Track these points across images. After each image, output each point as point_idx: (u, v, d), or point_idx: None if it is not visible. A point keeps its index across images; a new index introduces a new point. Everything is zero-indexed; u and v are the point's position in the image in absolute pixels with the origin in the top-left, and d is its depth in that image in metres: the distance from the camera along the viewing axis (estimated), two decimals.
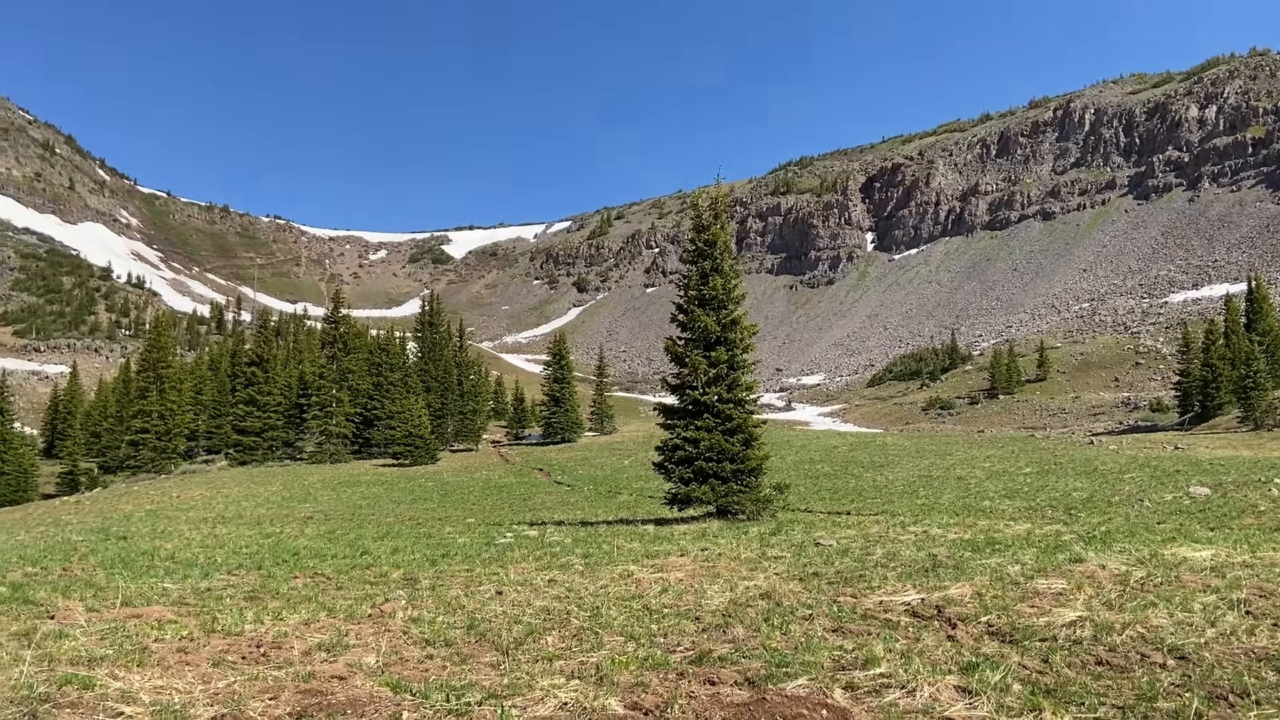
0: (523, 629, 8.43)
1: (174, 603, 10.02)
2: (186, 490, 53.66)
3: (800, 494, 32.04)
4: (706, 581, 10.89)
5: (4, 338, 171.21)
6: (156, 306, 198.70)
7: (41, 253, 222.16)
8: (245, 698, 6.07)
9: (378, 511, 37.67)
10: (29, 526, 35.47)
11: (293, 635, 8.22)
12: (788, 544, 14.63)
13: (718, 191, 24.34)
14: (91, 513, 44.28)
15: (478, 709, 5.93)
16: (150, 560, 15.31)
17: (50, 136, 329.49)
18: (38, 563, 14.46)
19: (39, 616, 8.89)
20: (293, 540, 20.49)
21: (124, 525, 30.98)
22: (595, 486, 45.81)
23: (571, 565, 13.08)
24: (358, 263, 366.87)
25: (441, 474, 57.47)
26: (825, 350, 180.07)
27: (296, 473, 61.43)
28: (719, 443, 21.82)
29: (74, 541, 21.88)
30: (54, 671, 6.59)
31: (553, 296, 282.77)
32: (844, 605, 8.96)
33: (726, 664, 6.93)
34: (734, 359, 22.85)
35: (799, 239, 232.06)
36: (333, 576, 12.52)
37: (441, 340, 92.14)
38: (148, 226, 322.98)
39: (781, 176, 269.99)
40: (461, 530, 23.18)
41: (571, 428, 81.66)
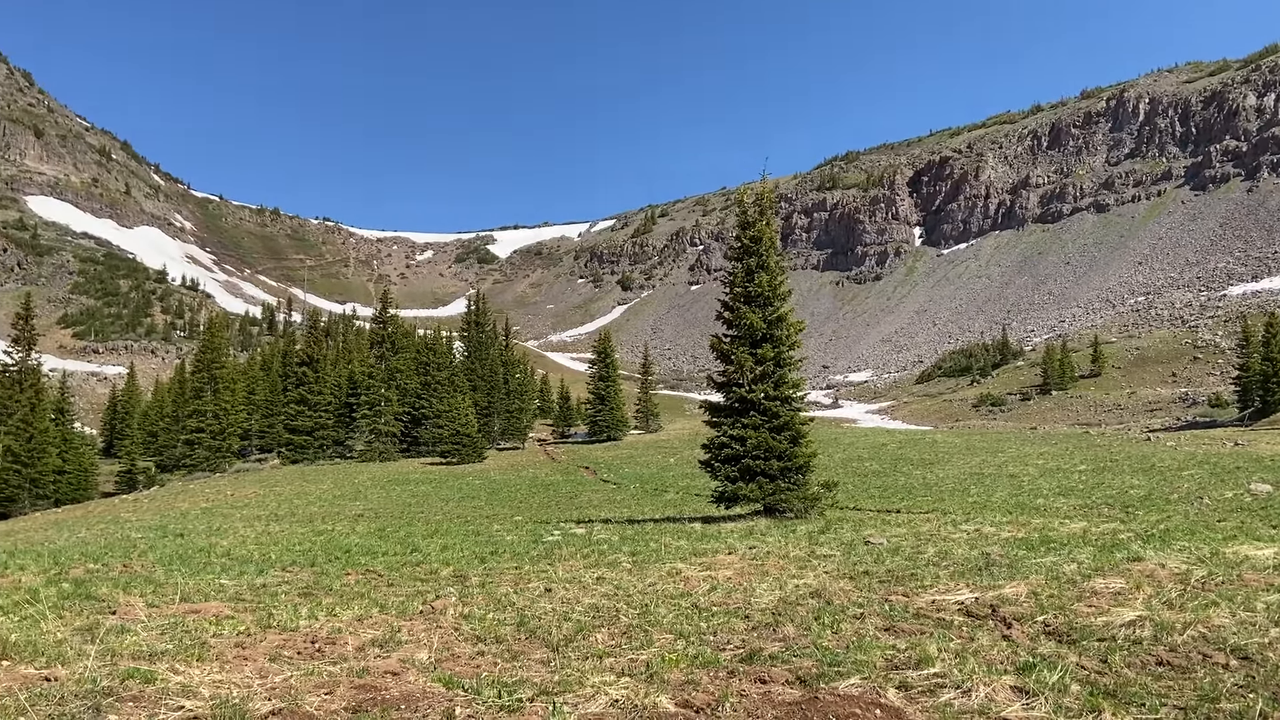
0: (572, 626, 8.46)
1: (231, 599, 10.19)
2: (240, 488, 54.67)
3: (848, 492, 31.75)
4: (755, 580, 10.83)
5: (64, 340, 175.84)
6: (210, 308, 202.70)
7: (99, 256, 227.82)
8: (302, 692, 6.16)
9: (426, 509, 38.04)
10: (89, 524, 36.38)
11: (346, 631, 8.33)
12: (837, 542, 14.51)
13: (763, 187, 24.19)
14: (149, 510, 45.30)
15: (529, 705, 5.95)
16: (207, 557, 15.60)
17: (107, 143, 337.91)
18: (99, 559, 14.80)
19: (101, 612, 9.10)
20: (344, 538, 20.75)
21: (181, 523, 31.67)
22: (641, 484, 45.82)
23: (619, 563, 13.09)
24: (405, 263, 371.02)
25: (489, 472, 57.87)
26: (872, 347, 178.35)
27: (347, 471, 62.28)
28: (766, 440, 21.69)
29: (133, 539, 22.39)
30: (116, 666, 6.73)
31: (597, 295, 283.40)
32: (896, 604, 8.88)
33: (778, 662, 6.90)
34: (780, 356, 22.69)
35: (845, 234, 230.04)
36: (384, 573, 12.66)
37: (487, 339, 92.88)
38: (201, 230, 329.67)
39: (827, 171, 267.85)
40: (509, 528, 23.32)
41: (617, 426, 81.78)
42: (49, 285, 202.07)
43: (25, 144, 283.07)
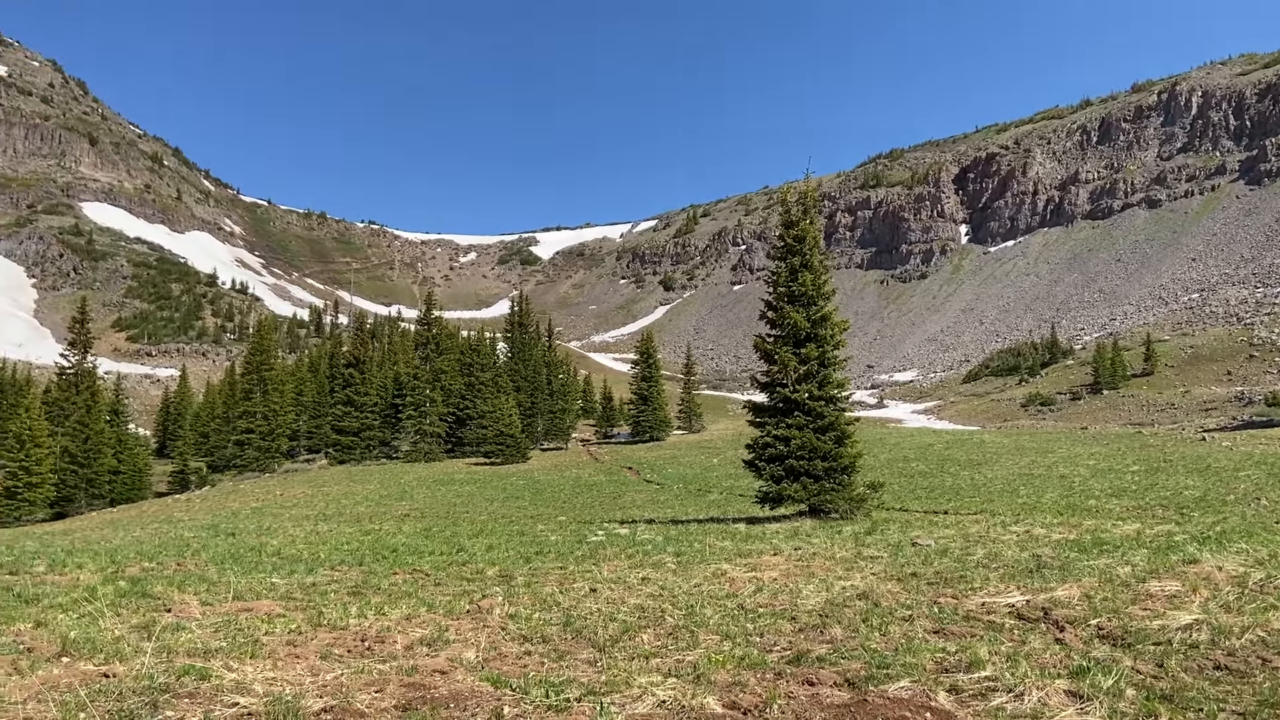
0: (618, 626, 8.46)
1: (282, 597, 10.35)
2: (289, 488, 55.51)
3: (895, 493, 31.46)
4: (801, 581, 10.77)
5: (119, 343, 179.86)
6: (259, 311, 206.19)
7: (152, 261, 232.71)
8: (352, 690, 6.24)
9: (471, 509, 38.33)
10: (144, 523, 37.17)
11: (395, 630, 8.41)
12: (884, 543, 14.37)
13: (806, 186, 24.04)
14: (201, 510, 46.18)
15: (577, 705, 5.97)
16: (258, 556, 15.85)
17: (159, 149, 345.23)
18: (153, 558, 15.10)
19: (157, 610, 9.28)
20: (391, 537, 20.98)
21: (232, 522, 32.24)
22: (685, 485, 45.78)
23: (664, 563, 13.08)
24: (449, 265, 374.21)
25: (532, 472, 58.16)
26: (918, 346, 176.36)
27: (393, 471, 62.96)
28: (810, 440, 21.55)
29: (186, 538, 22.82)
30: (172, 663, 6.86)
31: (639, 295, 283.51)
32: (945, 606, 8.79)
33: (825, 664, 6.86)
34: (824, 355, 22.54)
35: (889, 233, 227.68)
36: (431, 573, 12.77)
37: (530, 340, 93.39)
38: (250, 234, 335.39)
39: (871, 169, 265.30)
40: (553, 528, 23.42)
41: (660, 426, 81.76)
42: (104, 289, 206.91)
43: (80, 151, 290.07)
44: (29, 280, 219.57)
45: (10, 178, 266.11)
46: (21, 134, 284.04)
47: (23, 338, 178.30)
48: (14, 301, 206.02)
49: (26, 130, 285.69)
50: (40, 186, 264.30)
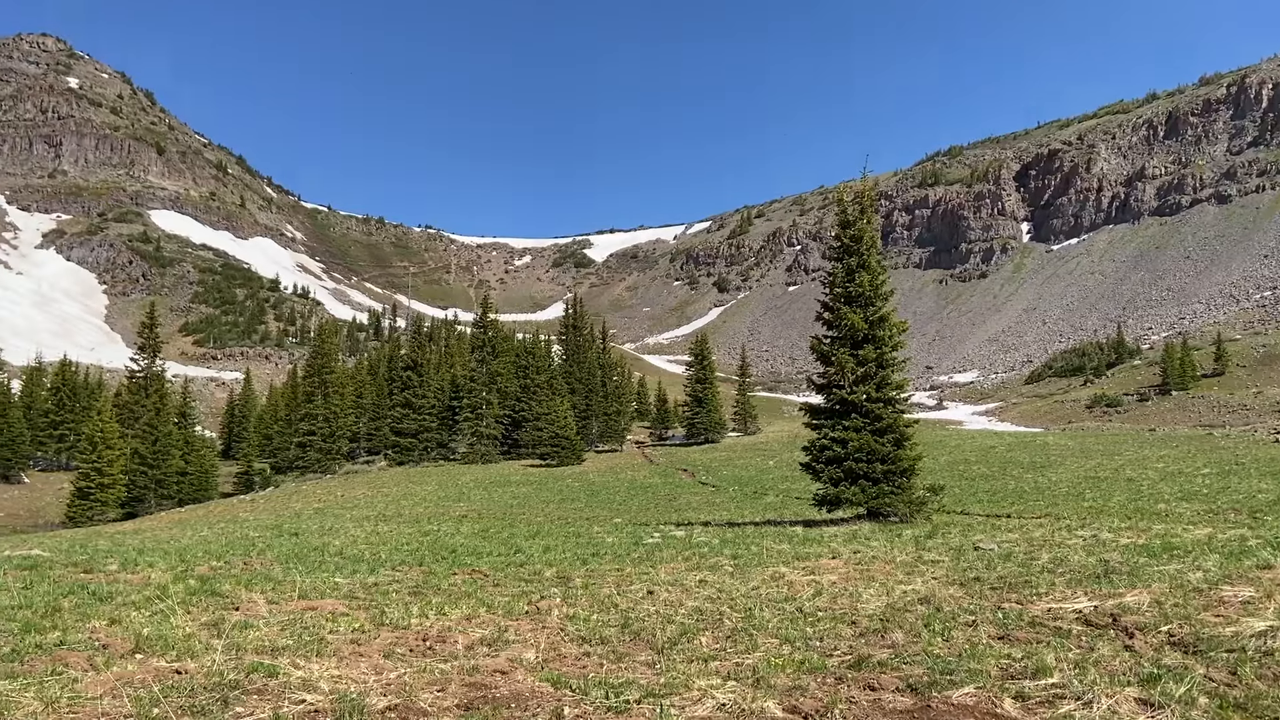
0: (676, 629, 8.46)
1: (345, 596, 10.52)
2: (350, 489, 56.47)
3: (955, 496, 31.00)
4: (861, 585, 10.66)
5: (186, 346, 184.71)
6: (320, 315, 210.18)
7: (217, 267, 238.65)
8: (415, 689, 6.33)
9: (528, 511, 38.62)
10: (211, 523, 38.06)
11: (456, 630, 8.51)
12: (945, 547, 14.16)
13: (863, 185, 23.79)
14: (265, 510, 47.18)
15: (636, 707, 5.98)
16: (321, 556, 16.13)
17: (223, 158, 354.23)
18: (221, 557, 15.45)
19: (225, 608, 9.49)
20: (450, 538, 21.21)
21: (295, 522, 32.86)
22: (740, 487, 45.60)
23: (721, 566, 13.04)
24: (504, 268, 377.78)
25: (587, 474, 58.40)
26: (978, 346, 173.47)
27: (450, 472, 63.69)
28: (868, 443, 21.32)
29: (251, 537, 23.32)
30: (241, 660, 7.02)
31: (693, 297, 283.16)
32: (1009, 611, 8.66)
33: (887, 669, 6.79)
34: (882, 357, 22.28)
35: (948, 232, 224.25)
36: (489, 573, 12.88)
37: (585, 343, 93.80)
38: (311, 239, 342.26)
39: (929, 167, 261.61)
40: (609, 530, 23.47)
41: (714, 428, 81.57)
42: (171, 295, 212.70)
43: (149, 161, 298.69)
44: (100, 286, 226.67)
45: (82, 187, 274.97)
46: (92, 144, 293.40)
47: (95, 342, 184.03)
48: (86, 307, 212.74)
49: (97, 140, 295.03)
50: (110, 195, 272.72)
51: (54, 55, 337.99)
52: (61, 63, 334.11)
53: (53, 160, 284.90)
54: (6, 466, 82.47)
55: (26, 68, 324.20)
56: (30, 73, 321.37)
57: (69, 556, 15.69)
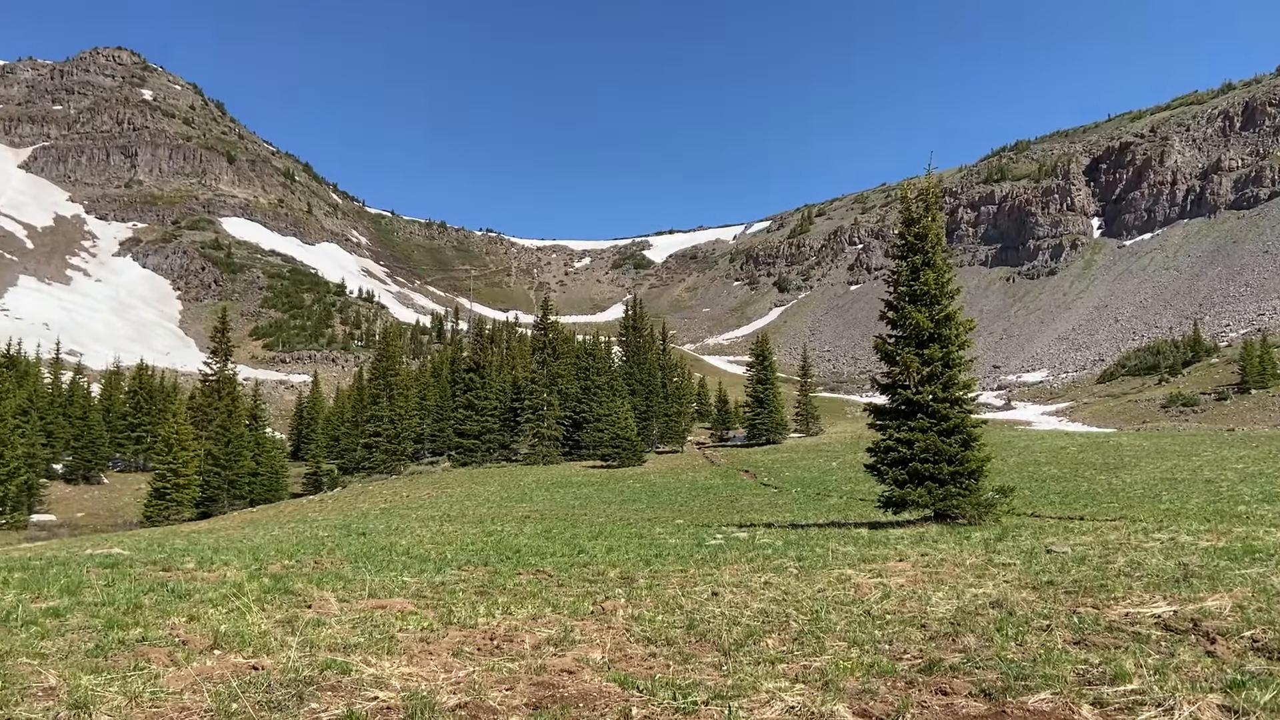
0: (742, 630, 8.42)
1: (413, 595, 10.67)
2: (415, 490, 57.35)
3: (1025, 497, 30.37)
4: (930, 588, 10.50)
5: (256, 350, 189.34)
6: (384, 318, 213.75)
7: (285, 272, 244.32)
8: (484, 687, 6.39)
9: (589, 511, 38.79)
10: (281, 523, 38.96)
11: (522, 629, 8.58)
12: (1016, 550, 13.87)
13: (928, 182, 23.43)
14: (333, 510, 48.16)
15: (704, 709, 5.96)
16: (389, 555, 16.40)
17: (290, 165, 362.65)
18: (292, 556, 15.79)
19: (298, 606, 9.70)
20: (513, 538, 21.39)
21: (362, 522, 33.48)
22: (803, 488, 45.24)
23: (785, 568, 12.94)
24: (563, 270, 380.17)
25: (648, 475, 58.46)
26: (1048, 345, 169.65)
27: (512, 473, 64.27)
28: (935, 443, 20.99)
29: (321, 537, 23.80)
30: (315, 657, 7.17)
31: (753, 297, 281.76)
32: (1085, 616, 8.50)
33: (959, 674, 6.70)
34: (949, 356, 21.92)
35: (1015, 228, 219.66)
36: (554, 574, 12.96)
37: (645, 344, 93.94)
38: (375, 244, 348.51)
39: (995, 163, 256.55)
40: (671, 531, 23.46)
41: (776, 429, 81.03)
42: (242, 300, 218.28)
43: (219, 169, 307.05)
44: (174, 292, 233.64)
45: (157, 195, 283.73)
46: (166, 154, 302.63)
47: (169, 346, 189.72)
48: (161, 312, 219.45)
49: (170, 150, 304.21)
50: (183, 203, 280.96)
51: (129, 68, 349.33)
52: (136, 75, 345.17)
53: (129, 170, 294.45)
54: (87, 468, 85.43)
55: (103, 81, 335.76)
56: (107, 85, 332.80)
57: (148, 555, 16.19)
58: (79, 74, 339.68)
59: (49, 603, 9.67)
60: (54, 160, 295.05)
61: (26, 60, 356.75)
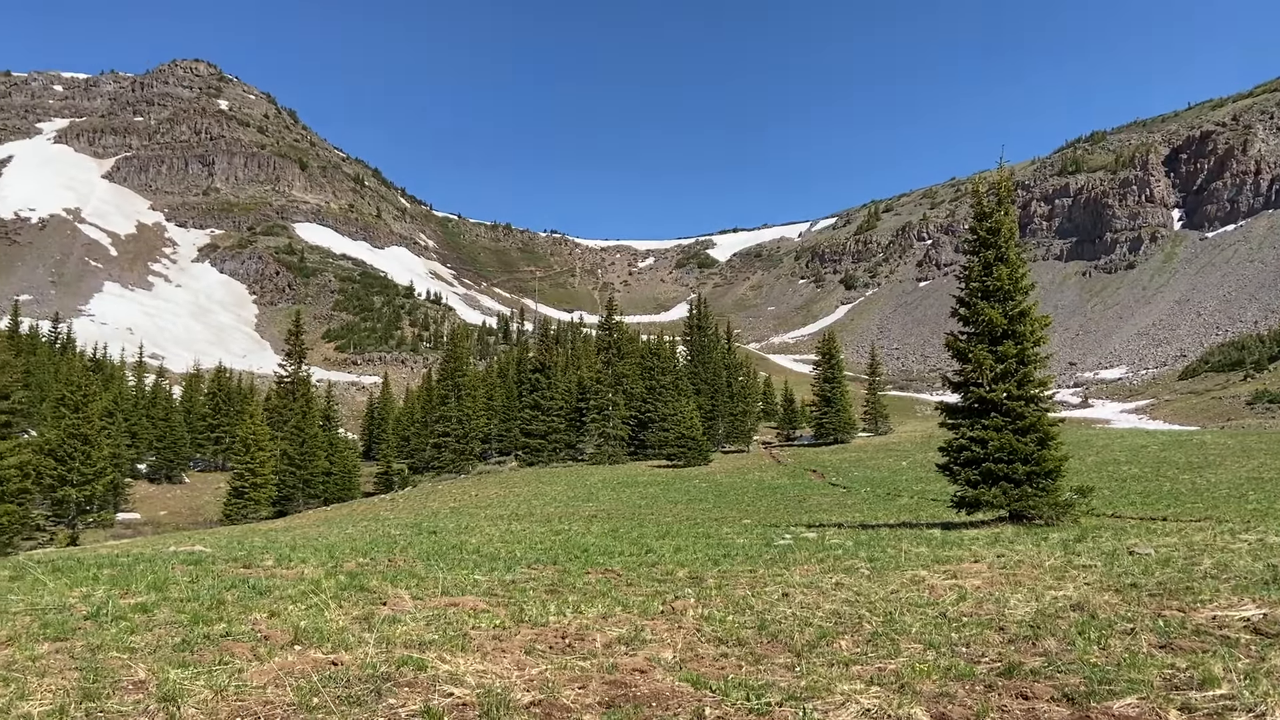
0: (814, 632, 8.34)
1: (484, 593, 10.79)
2: (483, 489, 58.02)
3: (1104, 497, 29.56)
4: (1007, 590, 10.28)
5: (328, 353, 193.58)
6: (452, 320, 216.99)
7: (356, 276, 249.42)
8: (557, 685, 6.43)
9: (656, 511, 38.82)
10: (354, 521, 39.76)
11: (593, 628, 8.61)
12: (1096, 552, 13.50)
13: (1000, 175, 22.95)
14: (405, 509, 48.98)
15: (778, 710, 5.92)
16: (459, 553, 16.60)
17: (360, 171, 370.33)
18: (366, 554, 16.10)
19: (374, 603, 9.89)
20: (581, 537, 21.49)
21: (433, 521, 33.99)
22: (872, 488, 44.67)
23: (857, 569, 12.78)
24: (627, 270, 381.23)
25: (714, 475, 58.28)
26: (1126, 341, 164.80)
27: (578, 473, 64.62)
28: (1010, 442, 20.52)
29: (394, 535, 24.22)
30: (391, 653, 7.30)
31: (819, 295, 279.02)
32: (1170, 619, 8.28)
33: (1040, 678, 6.56)
34: (1023, 353, 21.43)
35: (1091, 221, 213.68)
36: (622, 573, 12.99)
37: (710, 343, 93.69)
38: (442, 247, 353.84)
39: (1069, 154, 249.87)
40: (739, 531, 23.35)
41: (844, 428, 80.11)
42: (314, 303, 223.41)
43: (292, 176, 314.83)
44: (250, 296, 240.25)
45: (233, 203, 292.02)
46: (241, 162, 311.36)
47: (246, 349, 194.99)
48: (238, 316, 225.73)
49: (246, 159, 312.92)
50: (258, 210, 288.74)
51: (205, 79, 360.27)
52: (212, 86, 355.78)
53: (206, 179, 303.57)
54: (169, 467, 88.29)
55: (181, 92, 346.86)
56: (185, 96, 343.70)
57: (229, 552, 16.66)
58: (158, 86, 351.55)
59: (137, 598, 10.01)
60: (136, 170, 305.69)
61: (109, 73, 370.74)
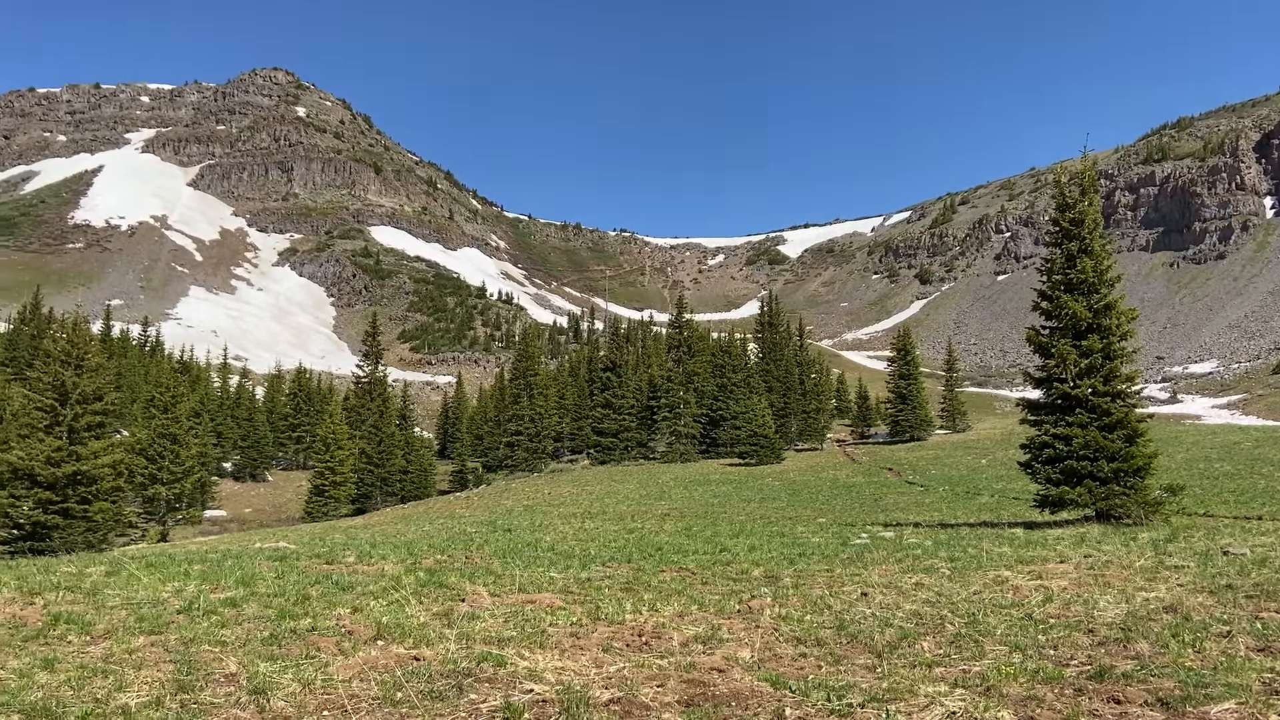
0: (895, 632, 8.20)
1: (560, 591, 10.86)
2: (556, 487, 58.48)
3: (1196, 496, 28.47)
4: (1096, 591, 9.98)
5: (403, 353, 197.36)
6: (523, 320, 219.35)
7: (430, 277, 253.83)
8: (636, 683, 6.43)
9: (728, 509, 38.66)
10: (431, 519, 40.42)
11: (669, 626, 8.60)
12: (1189, 551, 13.02)
13: (1083, 165, 22.27)
14: (479, 507, 49.64)
15: (860, 711, 5.83)
16: (534, 551, 16.75)
17: (433, 174, 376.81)
18: (444, 551, 16.33)
19: (453, 599, 10.03)
20: (654, 535, 21.50)
21: (507, 519, 34.38)
22: (950, 487, 43.80)
23: (937, 569, 12.53)
24: (697, 268, 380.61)
25: (787, 473, 57.82)
26: (1217, 334, 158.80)
27: (650, 471, 64.70)
28: (1095, 439, 19.90)
29: (469, 533, 24.55)
30: (471, 649, 7.39)
31: (893, 290, 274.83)
32: (1269, 622, 7.99)
33: (1132, 681, 6.36)
34: (1109, 347, 20.75)
35: (1178, 210, 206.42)
36: (697, 571, 12.95)
37: (781, 340, 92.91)
38: (513, 248, 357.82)
39: (1154, 142, 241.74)
40: (814, 530, 23.12)
41: (920, 425, 78.74)
42: (390, 305, 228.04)
43: (368, 180, 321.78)
44: (328, 299, 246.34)
45: (311, 207, 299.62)
46: (319, 168, 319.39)
47: (324, 350, 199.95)
48: (317, 318, 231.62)
49: (323, 164, 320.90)
50: (335, 214, 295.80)
51: (284, 87, 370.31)
52: (290, 94, 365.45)
53: (285, 184, 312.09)
54: (253, 466, 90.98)
55: (261, 100, 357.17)
56: (264, 105, 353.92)
57: (311, 549, 17.07)
58: (239, 95, 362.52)
59: (226, 593, 10.32)
60: (219, 177, 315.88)
61: (192, 84, 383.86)
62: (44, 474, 34.12)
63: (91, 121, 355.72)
